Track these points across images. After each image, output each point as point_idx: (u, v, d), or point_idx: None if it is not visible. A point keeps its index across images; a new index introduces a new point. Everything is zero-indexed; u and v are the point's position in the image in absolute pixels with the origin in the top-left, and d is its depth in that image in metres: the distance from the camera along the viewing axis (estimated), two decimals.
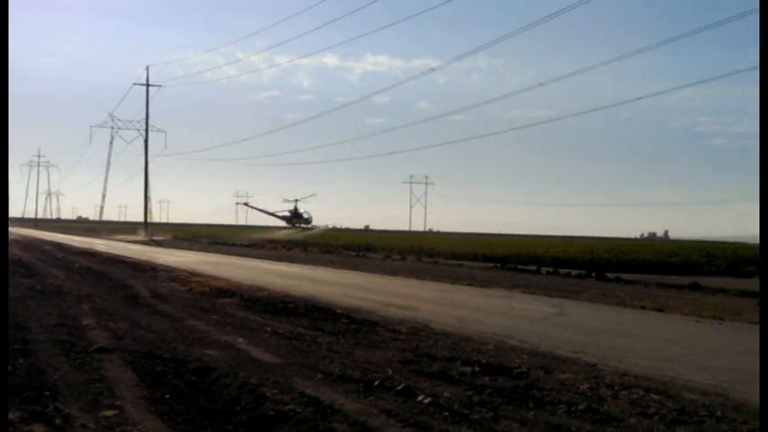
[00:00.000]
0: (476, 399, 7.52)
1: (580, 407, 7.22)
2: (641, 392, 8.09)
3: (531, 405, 7.36)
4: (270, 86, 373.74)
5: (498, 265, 40.86)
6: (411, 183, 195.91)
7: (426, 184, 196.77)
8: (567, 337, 12.79)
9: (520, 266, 39.30)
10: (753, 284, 30.10)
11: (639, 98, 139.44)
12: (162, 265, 31.36)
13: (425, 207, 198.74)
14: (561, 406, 7.30)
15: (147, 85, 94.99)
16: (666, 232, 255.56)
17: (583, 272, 34.60)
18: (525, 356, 10.41)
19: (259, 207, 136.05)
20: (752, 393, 8.27)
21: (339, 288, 22.27)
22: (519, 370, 9.20)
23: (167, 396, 7.54)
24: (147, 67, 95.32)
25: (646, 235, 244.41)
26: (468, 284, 25.87)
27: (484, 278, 29.41)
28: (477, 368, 9.22)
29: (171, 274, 26.15)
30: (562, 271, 35.52)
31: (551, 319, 15.81)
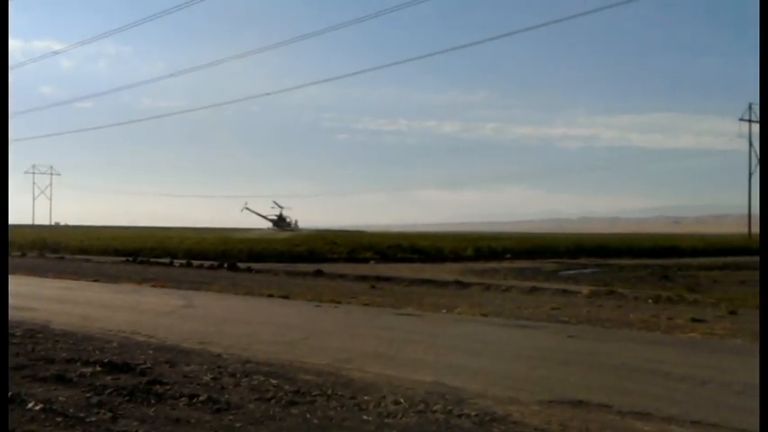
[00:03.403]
0: (94, 400, 7.25)
1: (201, 398, 7.35)
2: (262, 378, 8.48)
3: (152, 401, 7.29)
4: None
5: (130, 258, 39.69)
6: (34, 173, 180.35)
7: (52, 174, 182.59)
8: (194, 328, 12.89)
9: (152, 260, 38.59)
10: (367, 269, 33.14)
11: (269, 93, 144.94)
12: None
13: (51, 199, 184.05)
14: (183, 399, 7.35)
15: None
16: (296, 222, 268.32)
17: (215, 263, 35.06)
18: (151, 352, 10.27)
19: (255, 211, 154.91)
20: (357, 369, 9.19)
21: None
22: (143, 366, 9.05)
23: None
24: None
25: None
26: (95, 280, 24.70)
27: (113, 273, 28.31)
28: (98, 368, 8.88)
29: None
30: (195, 263, 35.59)
31: (180, 311, 15.80)
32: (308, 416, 6.82)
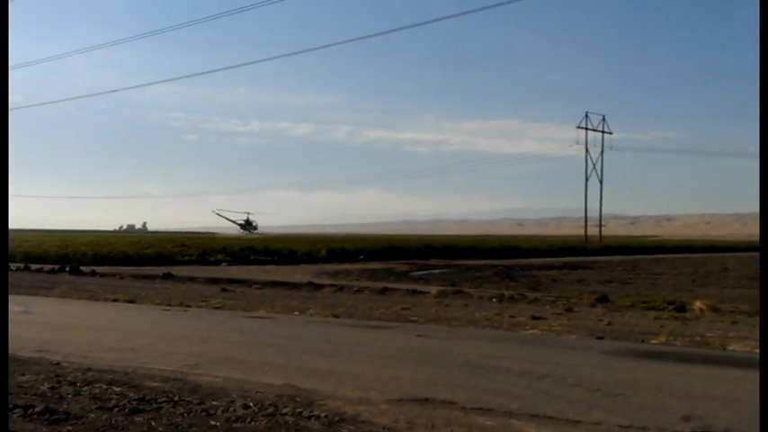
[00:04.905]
0: None
1: (38, 408, 6.96)
2: (104, 386, 8.13)
3: None
4: None
5: None
6: None
7: None
8: (31, 336, 12.18)
9: None
10: (219, 272, 32.56)
11: (115, 90, 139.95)
12: None
13: None
14: (17, 410, 6.94)
15: None
16: (145, 224, 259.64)
17: (56, 267, 33.37)
18: None
19: (225, 216, 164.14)
20: (206, 374, 9.02)
21: None
22: None
23: None
24: None
25: (124, 227, 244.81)
26: None
27: None
28: None
29: None
30: (33, 266, 33.71)
31: (16, 318, 14.80)
32: (153, 423, 6.63)
